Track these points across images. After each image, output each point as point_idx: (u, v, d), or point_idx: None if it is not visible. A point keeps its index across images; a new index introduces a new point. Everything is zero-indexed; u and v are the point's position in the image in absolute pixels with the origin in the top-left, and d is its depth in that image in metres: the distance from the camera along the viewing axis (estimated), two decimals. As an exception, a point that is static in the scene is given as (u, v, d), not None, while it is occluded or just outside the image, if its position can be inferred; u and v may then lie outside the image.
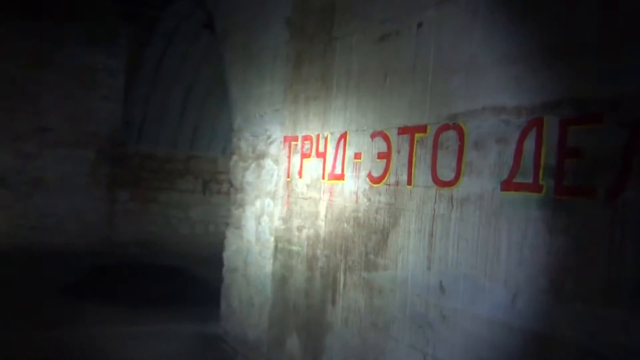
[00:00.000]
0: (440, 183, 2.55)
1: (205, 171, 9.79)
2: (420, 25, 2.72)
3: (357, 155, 3.13)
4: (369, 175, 3.01)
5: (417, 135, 2.70)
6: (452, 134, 2.50)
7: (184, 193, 9.75)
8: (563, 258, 1.99)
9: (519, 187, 2.17)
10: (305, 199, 3.60)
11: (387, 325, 2.81)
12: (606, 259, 1.85)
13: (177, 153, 9.66)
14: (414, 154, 2.72)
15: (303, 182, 3.65)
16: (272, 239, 3.97)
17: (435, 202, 2.57)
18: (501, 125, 2.26)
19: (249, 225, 4.33)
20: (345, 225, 3.18)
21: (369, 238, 2.98)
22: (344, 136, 3.25)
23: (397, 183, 2.81)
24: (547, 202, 2.05)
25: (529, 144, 2.14)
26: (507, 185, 2.22)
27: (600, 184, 1.88)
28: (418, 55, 2.72)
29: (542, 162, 2.09)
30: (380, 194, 2.92)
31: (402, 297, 2.72)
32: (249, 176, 4.38)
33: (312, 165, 3.55)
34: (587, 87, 1.95)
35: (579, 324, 1.92)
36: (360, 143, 3.11)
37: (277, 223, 3.92)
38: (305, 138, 3.64)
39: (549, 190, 2.05)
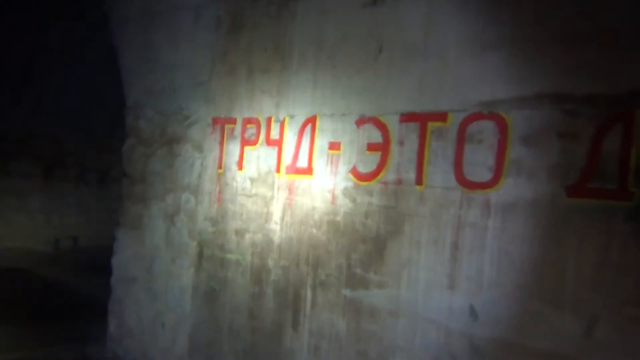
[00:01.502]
0: (468, 184, 2.08)
1: (48, 153, 8.30)
2: (435, -13, 2.21)
3: (333, 146, 2.54)
4: (354, 171, 2.44)
5: (431, 125, 2.20)
6: (487, 124, 2.03)
7: (19, 178, 8.18)
8: (667, 282, 1.64)
9: (595, 194, 1.78)
10: (249, 196, 2.91)
11: (383, 356, 2.29)
12: None
13: (12, 129, 8.05)
14: (426, 146, 2.21)
15: (244, 176, 2.95)
16: (194, 243, 3.21)
17: (461, 207, 2.09)
18: (566, 118, 1.85)
19: (156, 225, 3.49)
20: (315, 230, 2.58)
21: (354, 248, 2.42)
22: (311, 121, 2.63)
23: (398, 182, 2.28)
24: (641, 213, 1.69)
25: (611, 142, 1.75)
26: (576, 190, 1.81)
27: None
28: (432, 23, 2.21)
29: (631, 165, 1.71)
30: (371, 195, 2.38)
31: (408, 323, 2.22)
32: (156, 165, 3.53)
33: (260, 155, 2.87)
34: None
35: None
36: (339, 130, 2.52)
37: (202, 225, 3.17)
38: (249, 121, 2.94)
39: (643, 199, 1.68)
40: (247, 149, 2.95)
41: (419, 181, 2.22)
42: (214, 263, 3.07)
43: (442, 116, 2.16)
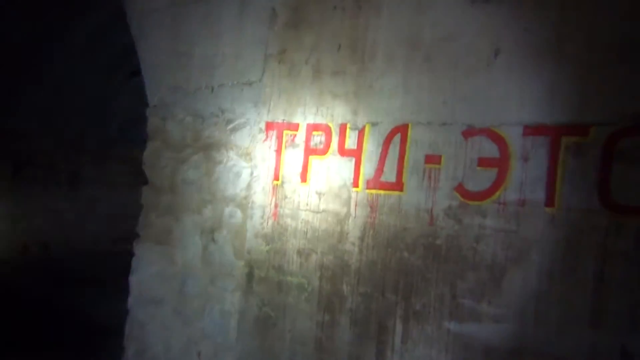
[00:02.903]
0: (617, 208, 1.83)
1: (17, 150, 7.62)
2: (571, -16, 1.94)
3: (431, 159, 2.24)
4: (459, 188, 2.16)
5: (565, 139, 1.94)
6: (644, 141, 1.79)
7: (-18, 178, 7.49)
8: None
9: None
10: (316, 212, 2.58)
11: (502, 399, 2.02)
12: None
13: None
14: (558, 164, 1.95)
15: (309, 189, 2.61)
16: (242, 263, 2.84)
17: (607, 234, 1.84)
18: None
19: (189, 241, 3.10)
20: (407, 254, 2.28)
21: (463, 276, 2.13)
22: (402, 130, 2.33)
23: (521, 202, 2.01)
24: None
25: None
26: None
27: None
28: (565, 18, 1.95)
29: None
30: (484, 216, 2.10)
31: (536, 363, 1.95)
32: (189, 173, 3.13)
33: (331, 167, 2.54)
34: None
35: None
36: (439, 142, 2.22)
37: (252, 242, 2.80)
38: (315, 127, 2.61)
39: None
40: (313, 158, 2.61)
41: (549, 202, 1.96)
42: (269, 286, 2.72)
43: (581, 130, 1.91)
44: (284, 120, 2.72)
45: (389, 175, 2.35)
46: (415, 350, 2.24)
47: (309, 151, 2.62)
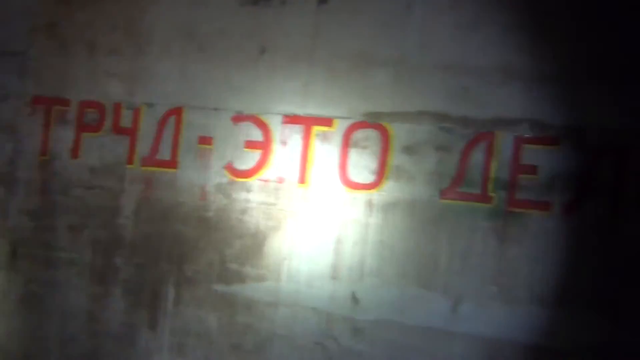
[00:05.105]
0: (352, 185, 2.33)
1: None
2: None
3: (204, 140, 2.49)
4: (229, 167, 2.46)
5: (315, 128, 2.37)
6: (371, 133, 2.31)
7: None
8: (515, 266, 2.15)
9: (463, 197, 2.21)
10: (89, 188, 2.63)
11: (261, 346, 2.40)
12: (561, 267, 2.12)
13: None
14: (309, 148, 2.38)
15: (81, 165, 2.65)
16: (4, 241, 2.74)
17: (345, 205, 2.33)
18: (442, 134, 2.24)
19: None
20: (182, 226, 2.51)
21: (229, 243, 2.45)
22: (176, 112, 2.53)
23: (280, 180, 2.40)
24: (498, 213, 2.17)
25: (476, 156, 2.20)
26: (448, 193, 2.22)
27: (556, 200, 2.12)
28: (320, 30, 2.37)
29: (491, 175, 2.18)
30: (249, 191, 2.43)
31: (289, 312, 2.37)
32: None
33: (104, 144, 2.62)
34: (545, 112, 2.14)
35: (533, 325, 2.13)
36: (211, 125, 2.49)
37: (16, 220, 2.72)
38: (89, 104, 2.64)
39: (500, 202, 2.17)
40: (85, 136, 2.65)
41: (302, 180, 2.38)
42: (36, 263, 2.69)
43: (328, 122, 2.36)
44: (53, 95, 2.69)
45: (165, 154, 2.54)
46: (186, 312, 2.49)
47: (82, 128, 2.65)
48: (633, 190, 2.03)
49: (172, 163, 2.53)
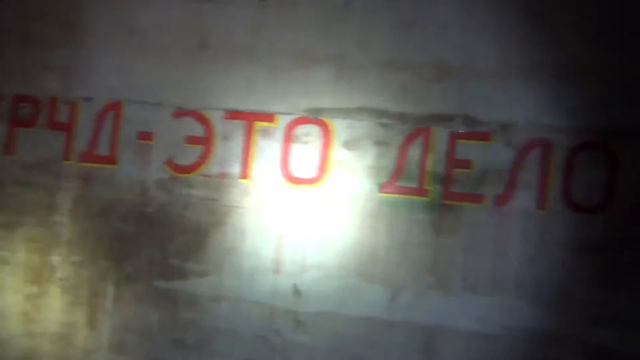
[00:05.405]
0: (294, 180, 2.36)
1: None
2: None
3: (144, 135, 2.47)
4: (170, 162, 2.44)
5: (258, 124, 2.39)
6: (312, 128, 2.35)
7: None
8: (451, 256, 2.24)
9: (402, 191, 2.28)
10: (23, 184, 2.55)
11: (203, 341, 2.40)
12: (493, 256, 2.22)
13: None
14: (251, 144, 2.39)
15: (14, 162, 2.57)
16: None
17: (287, 199, 2.36)
18: (381, 129, 2.30)
19: None
20: (121, 223, 2.47)
21: (171, 239, 2.43)
22: (116, 107, 2.49)
23: (222, 175, 2.41)
24: (434, 206, 2.26)
25: (414, 151, 2.28)
26: (387, 187, 2.29)
27: (489, 193, 2.22)
28: (262, 26, 2.39)
29: (427, 169, 2.27)
30: (191, 187, 2.43)
31: (231, 307, 2.38)
32: None
33: (40, 140, 2.55)
34: (478, 108, 2.24)
35: (468, 312, 2.22)
36: (151, 120, 2.46)
37: (-56, 218, 2.61)
38: (23, 99, 2.57)
39: (436, 195, 2.25)
40: (19, 130, 2.57)
41: (244, 175, 2.39)
42: (-34, 263, 2.59)
43: (270, 117, 2.38)
44: (-17, 89, 2.60)
45: (103, 150, 2.50)
46: (127, 309, 2.46)
47: (16, 122, 2.57)
48: (558, 184, 2.15)
49: (111, 159, 2.49)
